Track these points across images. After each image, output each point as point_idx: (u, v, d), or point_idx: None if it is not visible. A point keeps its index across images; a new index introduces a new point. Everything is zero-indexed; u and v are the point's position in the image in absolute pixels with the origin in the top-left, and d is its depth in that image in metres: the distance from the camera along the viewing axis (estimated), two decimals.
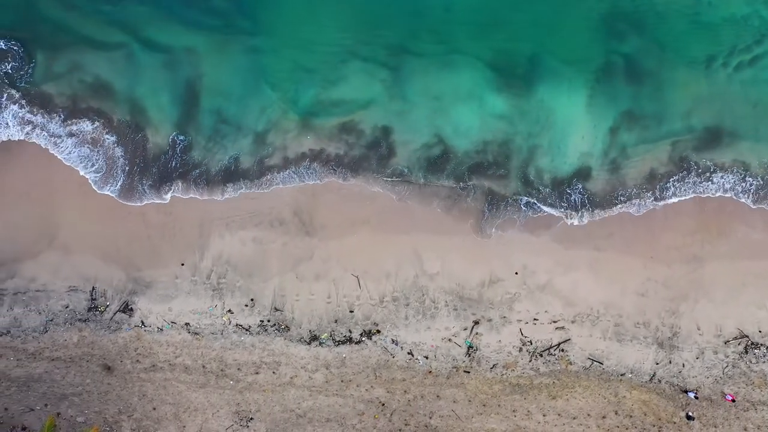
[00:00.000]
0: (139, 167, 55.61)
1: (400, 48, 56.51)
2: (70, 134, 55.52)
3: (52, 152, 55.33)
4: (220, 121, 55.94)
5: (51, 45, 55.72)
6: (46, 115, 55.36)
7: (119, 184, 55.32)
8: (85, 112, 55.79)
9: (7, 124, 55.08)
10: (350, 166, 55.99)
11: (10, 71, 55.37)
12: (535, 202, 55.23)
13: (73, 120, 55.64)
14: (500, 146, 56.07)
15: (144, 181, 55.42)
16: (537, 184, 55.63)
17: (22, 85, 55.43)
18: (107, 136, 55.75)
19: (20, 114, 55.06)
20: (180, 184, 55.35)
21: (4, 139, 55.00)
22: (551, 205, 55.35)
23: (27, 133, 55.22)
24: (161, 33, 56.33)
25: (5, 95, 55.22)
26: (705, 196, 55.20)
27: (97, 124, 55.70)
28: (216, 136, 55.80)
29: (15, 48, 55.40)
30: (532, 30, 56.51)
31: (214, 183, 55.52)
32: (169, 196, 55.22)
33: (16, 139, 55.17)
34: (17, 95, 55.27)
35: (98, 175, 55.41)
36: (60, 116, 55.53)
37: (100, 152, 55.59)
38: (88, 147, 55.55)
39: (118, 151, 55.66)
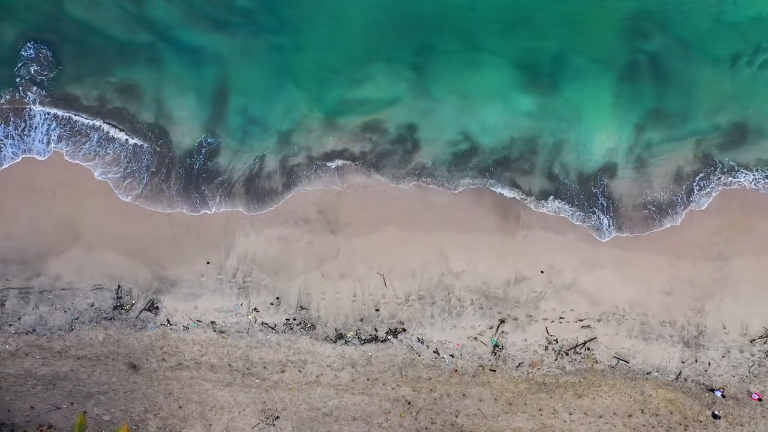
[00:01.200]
0: (165, 172, 55.53)
1: (425, 46, 56.35)
2: (96, 130, 55.38)
3: (71, 160, 55.31)
4: (246, 122, 55.78)
5: (77, 45, 55.47)
6: (72, 113, 55.30)
7: (142, 190, 55.20)
8: (112, 114, 55.68)
9: (36, 125, 54.95)
10: (374, 164, 55.97)
11: (37, 73, 55.10)
12: (564, 211, 55.41)
13: (99, 121, 55.50)
14: (526, 144, 56.02)
15: (171, 188, 55.36)
16: (563, 181, 55.62)
17: (50, 85, 55.21)
18: (133, 140, 55.54)
19: (47, 101, 54.92)
20: (209, 195, 55.30)
21: (27, 156, 55.11)
22: (578, 208, 55.36)
23: (50, 133, 55.10)
24: (186, 32, 56.10)
25: (33, 95, 55.07)
26: (730, 188, 55.08)
27: (122, 127, 55.58)
28: (243, 136, 55.64)
29: (43, 50, 55.16)
30: (557, 28, 56.30)
31: (245, 195, 55.76)
32: (205, 210, 55.33)
33: (42, 158, 55.12)
34: (44, 95, 55.11)
35: (123, 180, 55.35)
36: (86, 116, 55.38)
37: (126, 157, 55.40)
38: (112, 150, 55.32)
39: (145, 155, 55.51)
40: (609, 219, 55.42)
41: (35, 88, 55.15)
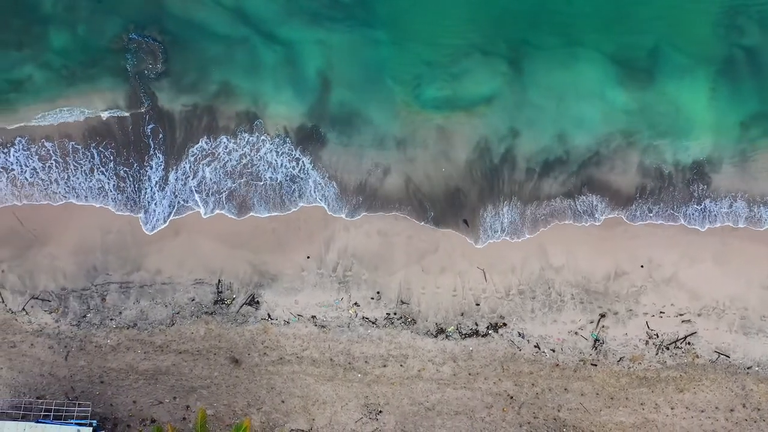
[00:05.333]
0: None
1: (521, 41, 56.23)
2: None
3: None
4: (344, 118, 55.39)
5: (178, 42, 55.45)
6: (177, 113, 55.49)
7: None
8: (213, 111, 55.63)
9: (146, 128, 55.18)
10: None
11: (142, 67, 55.09)
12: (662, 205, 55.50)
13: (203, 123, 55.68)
14: (621, 140, 55.84)
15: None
16: (661, 176, 55.61)
17: (152, 80, 55.11)
18: (231, 142, 55.49)
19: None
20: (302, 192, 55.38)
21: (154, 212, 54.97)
22: (677, 202, 55.47)
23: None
24: (283, 27, 55.89)
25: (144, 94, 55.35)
26: None
27: (225, 125, 55.52)
28: (340, 133, 55.45)
29: (156, 43, 55.01)
30: (653, 22, 56.22)
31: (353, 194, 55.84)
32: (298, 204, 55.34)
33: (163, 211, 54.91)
34: (151, 93, 55.28)
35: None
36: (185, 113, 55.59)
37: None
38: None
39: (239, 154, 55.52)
40: (708, 213, 55.32)
41: (146, 84, 55.16)
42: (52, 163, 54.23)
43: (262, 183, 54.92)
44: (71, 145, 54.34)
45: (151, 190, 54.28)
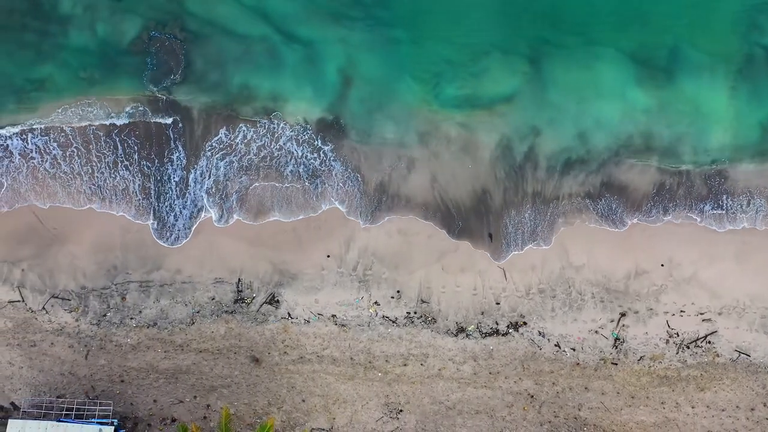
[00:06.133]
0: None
1: (541, 39, 56.24)
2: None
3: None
4: (362, 117, 55.41)
5: (199, 40, 55.53)
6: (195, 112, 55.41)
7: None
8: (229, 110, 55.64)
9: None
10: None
11: (162, 65, 55.10)
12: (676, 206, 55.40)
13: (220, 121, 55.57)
14: (641, 138, 55.77)
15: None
16: (679, 178, 55.51)
17: (173, 77, 55.08)
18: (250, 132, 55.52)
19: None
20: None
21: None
22: (696, 200, 55.37)
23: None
24: (303, 26, 55.89)
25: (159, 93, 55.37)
26: None
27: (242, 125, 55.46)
28: (363, 129, 55.37)
29: (177, 41, 54.97)
30: (672, 21, 56.30)
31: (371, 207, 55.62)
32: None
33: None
34: (171, 89, 55.31)
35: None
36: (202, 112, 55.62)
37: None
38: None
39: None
40: (726, 212, 55.25)
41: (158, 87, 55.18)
42: (73, 151, 53.97)
43: (283, 185, 54.72)
44: (92, 130, 54.12)
45: (171, 193, 54.10)
